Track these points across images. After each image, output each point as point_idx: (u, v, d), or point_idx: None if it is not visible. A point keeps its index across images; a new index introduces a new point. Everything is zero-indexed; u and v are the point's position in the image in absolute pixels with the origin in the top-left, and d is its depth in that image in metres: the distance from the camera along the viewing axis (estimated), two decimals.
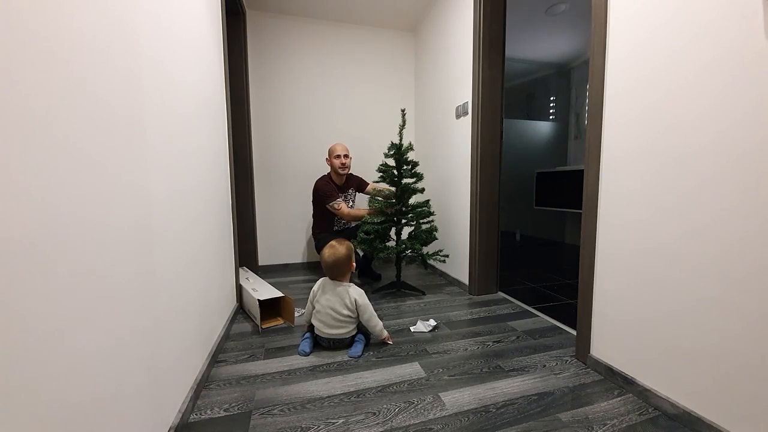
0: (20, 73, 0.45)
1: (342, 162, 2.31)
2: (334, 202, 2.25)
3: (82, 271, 0.56)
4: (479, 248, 2.04)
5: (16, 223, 0.44)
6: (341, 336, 1.39)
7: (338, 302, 1.40)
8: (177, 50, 1.03)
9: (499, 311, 1.84)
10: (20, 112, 0.45)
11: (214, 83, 1.49)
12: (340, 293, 1.41)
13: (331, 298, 1.41)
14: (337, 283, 1.44)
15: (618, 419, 1.00)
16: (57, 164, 0.51)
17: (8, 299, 0.42)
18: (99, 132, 0.62)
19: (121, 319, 0.67)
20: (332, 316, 1.38)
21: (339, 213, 2.25)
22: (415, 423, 0.98)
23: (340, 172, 2.34)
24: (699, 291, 0.92)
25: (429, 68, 2.65)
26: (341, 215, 2.26)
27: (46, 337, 0.48)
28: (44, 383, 0.48)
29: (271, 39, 2.61)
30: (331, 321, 1.39)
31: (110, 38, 0.66)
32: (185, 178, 1.07)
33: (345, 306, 1.40)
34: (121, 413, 0.66)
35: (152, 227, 0.82)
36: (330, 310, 1.39)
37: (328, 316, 1.39)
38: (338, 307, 1.39)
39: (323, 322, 1.40)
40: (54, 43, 0.51)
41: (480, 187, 2.00)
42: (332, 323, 1.39)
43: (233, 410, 1.04)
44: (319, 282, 1.49)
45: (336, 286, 1.43)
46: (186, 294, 1.05)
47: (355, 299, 1.40)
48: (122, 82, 0.70)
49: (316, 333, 1.43)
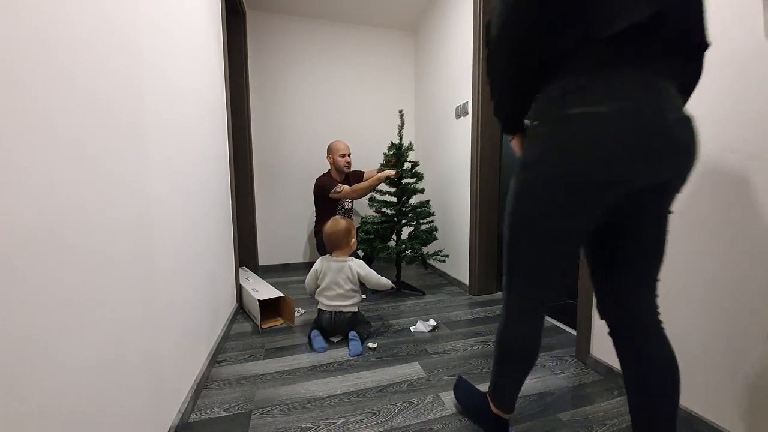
0: (23, 77, 0.45)
1: (347, 161, 2.34)
2: (336, 187, 2.22)
3: (82, 271, 0.56)
4: (479, 248, 2.04)
5: (17, 223, 0.44)
6: (344, 308, 1.48)
7: (341, 277, 1.49)
8: (177, 50, 1.03)
9: (499, 311, 1.84)
10: (24, 114, 0.45)
11: (214, 83, 1.49)
12: (341, 269, 1.50)
13: (335, 276, 1.49)
14: (338, 259, 1.53)
15: (618, 419, 1.00)
16: (59, 165, 0.51)
17: (8, 299, 0.42)
18: (100, 133, 0.62)
19: (121, 319, 0.67)
20: (336, 292, 1.48)
21: (343, 193, 2.20)
22: (415, 423, 0.98)
23: (345, 171, 2.36)
24: (699, 291, 0.92)
25: (429, 68, 2.65)
26: (345, 194, 2.20)
27: (46, 337, 0.48)
28: (44, 383, 0.48)
29: (271, 39, 2.61)
30: (335, 295, 1.49)
31: (110, 39, 0.66)
32: (185, 178, 1.07)
33: (347, 280, 1.49)
34: (121, 413, 0.66)
35: (152, 227, 0.82)
36: (334, 285, 1.49)
37: (332, 291, 1.49)
38: (341, 282, 1.49)
39: (327, 296, 1.49)
40: (54, 43, 0.51)
41: (480, 187, 2.00)
42: (336, 297, 1.48)
43: (233, 410, 1.04)
44: (319, 261, 1.55)
45: (337, 262, 1.52)
46: (186, 294, 1.05)
47: (357, 272, 1.50)
48: (123, 83, 0.70)
49: (319, 308, 1.51)
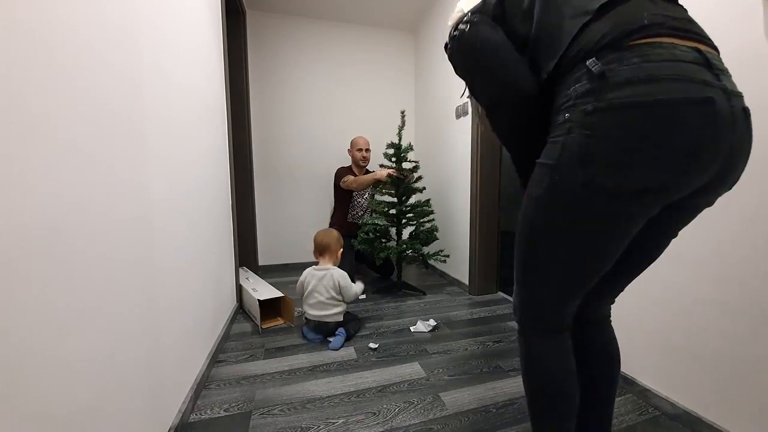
0: (22, 77, 0.45)
1: (363, 155, 2.44)
2: (344, 178, 2.36)
3: (83, 271, 0.56)
4: (479, 248, 2.04)
5: (17, 223, 0.44)
6: (327, 318, 1.48)
7: (322, 285, 1.50)
8: (177, 50, 1.03)
9: (499, 311, 1.84)
10: (24, 114, 0.45)
11: (215, 83, 1.49)
12: (324, 276, 1.51)
13: (316, 284, 1.51)
14: (322, 267, 1.54)
15: (618, 419, 0.99)
16: (60, 165, 0.51)
17: (9, 299, 0.42)
18: (100, 134, 0.62)
19: (121, 319, 0.67)
20: (317, 299, 1.49)
21: (347, 183, 2.33)
22: (415, 423, 0.98)
23: (361, 164, 2.46)
24: (699, 291, 0.92)
25: (429, 68, 2.64)
26: (349, 184, 2.32)
27: (46, 336, 0.48)
28: (44, 383, 0.48)
29: (271, 39, 2.61)
30: (316, 303, 1.49)
31: (110, 39, 0.66)
32: (185, 178, 1.07)
33: (328, 288, 1.49)
34: (121, 413, 0.66)
35: (152, 227, 0.82)
36: (315, 293, 1.50)
37: (314, 299, 1.50)
38: (322, 290, 1.49)
39: (311, 306, 1.51)
40: (53, 43, 0.51)
41: (480, 187, 2.00)
42: (319, 306, 1.49)
43: (233, 410, 1.04)
44: (305, 272, 1.56)
45: (320, 270, 1.53)
46: (186, 294, 1.05)
47: (339, 281, 1.50)
48: (123, 84, 0.70)
49: (305, 317, 1.54)
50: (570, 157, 0.51)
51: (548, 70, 0.55)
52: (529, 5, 0.59)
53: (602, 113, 0.48)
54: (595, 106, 0.48)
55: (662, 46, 0.47)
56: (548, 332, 0.64)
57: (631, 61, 0.47)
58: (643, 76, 0.46)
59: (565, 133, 0.52)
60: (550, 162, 0.54)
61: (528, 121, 0.61)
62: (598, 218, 0.52)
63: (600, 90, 0.48)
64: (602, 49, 0.49)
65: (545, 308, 0.62)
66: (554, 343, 0.64)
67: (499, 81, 0.60)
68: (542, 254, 0.59)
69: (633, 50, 0.47)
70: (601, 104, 0.48)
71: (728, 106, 0.46)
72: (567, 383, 0.63)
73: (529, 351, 0.66)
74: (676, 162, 0.47)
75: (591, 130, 0.49)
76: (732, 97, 0.47)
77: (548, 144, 0.56)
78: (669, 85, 0.45)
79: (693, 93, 0.45)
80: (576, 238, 0.55)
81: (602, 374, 0.72)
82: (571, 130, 0.51)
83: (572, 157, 0.51)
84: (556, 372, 0.63)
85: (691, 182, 0.49)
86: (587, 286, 0.60)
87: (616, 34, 0.49)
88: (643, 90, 0.45)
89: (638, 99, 0.46)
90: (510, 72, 0.59)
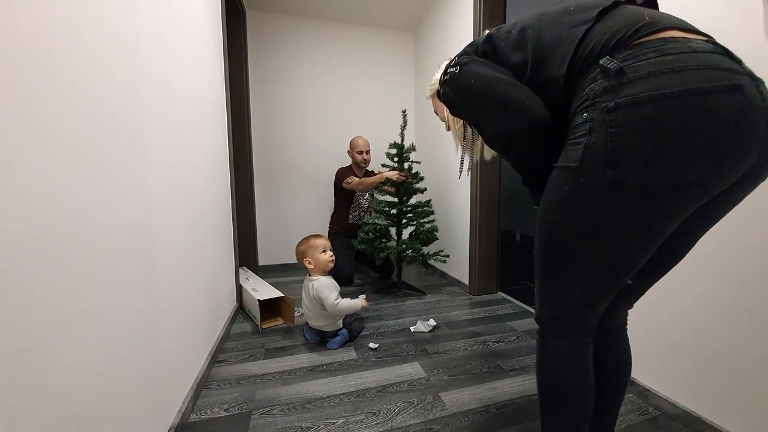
0: (21, 79, 0.45)
1: (364, 158, 2.42)
2: (347, 178, 2.35)
3: (83, 271, 0.56)
4: (479, 248, 2.04)
5: (18, 223, 0.44)
6: (324, 327, 1.45)
7: (308, 299, 1.47)
8: (177, 51, 1.03)
9: (499, 311, 1.84)
10: (23, 116, 0.45)
11: (214, 83, 1.49)
12: (308, 288, 1.47)
13: (305, 296, 1.49)
14: (309, 277, 1.49)
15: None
16: (59, 166, 0.51)
17: (9, 301, 0.42)
18: (99, 134, 0.62)
19: (121, 320, 0.67)
20: (311, 310, 1.46)
21: (352, 184, 2.32)
22: (415, 423, 0.98)
23: (362, 166, 2.46)
24: (699, 291, 0.92)
25: (429, 68, 2.64)
26: (354, 185, 2.31)
27: (46, 336, 0.48)
28: (44, 383, 0.48)
29: (271, 39, 2.61)
30: (306, 312, 1.48)
31: (109, 39, 0.66)
32: (185, 178, 1.07)
33: (313, 301, 1.44)
34: (121, 413, 0.66)
35: (152, 227, 0.82)
36: (308, 303, 1.47)
37: (308, 310, 1.48)
38: (309, 303, 1.46)
39: (308, 316, 1.49)
40: (53, 45, 0.51)
41: (480, 187, 2.00)
42: (313, 316, 1.46)
43: (233, 410, 1.04)
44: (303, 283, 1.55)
45: (308, 282, 1.48)
46: (186, 294, 1.05)
47: (318, 294, 1.41)
48: (122, 85, 0.70)
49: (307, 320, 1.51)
50: (595, 157, 0.49)
51: (562, 74, 0.54)
52: (518, 36, 0.59)
53: (626, 109, 0.46)
54: (617, 103, 0.47)
55: (677, 40, 0.46)
56: (568, 335, 0.62)
57: (648, 56, 0.46)
58: (666, 68, 0.45)
59: (586, 133, 0.50)
60: (572, 164, 0.52)
61: (546, 149, 0.58)
62: (629, 219, 0.50)
63: (620, 86, 0.47)
64: (614, 48, 0.49)
65: (567, 313, 0.61)
66: (575, 347, 0.62)
67: (505, 109, 0.59)
68: (566, 260, 0.57)
69: (647, 45, 0.47)
70: (623, 100, 0.46)
71: (758, 92, 0.45)
72: (584, 388, 0.62)
73: (546, 352, 0.64)
74: (713, 153, 0.44)
75: (616, 128, 0.47)
76: (759, 83, 0.46)
77: (567, 147, 0.54)
78: (694, 74, 0.44)
79: (722, 81, 0.44)
80: (604, 242, 0.53)
81: (617, 383, 0.71)
82: (593, 130, 0.49)
83: (598, 158, 0.49)
84: (573, 376, 0.62)
85: (729, 174, 0.47)
86: (613, 291, 0.58)
87: (626, 32, 0.48)
88: (668, 81, 0.44)
89: (665, 91, 0.44)
90: (514, 96, 0.58)
